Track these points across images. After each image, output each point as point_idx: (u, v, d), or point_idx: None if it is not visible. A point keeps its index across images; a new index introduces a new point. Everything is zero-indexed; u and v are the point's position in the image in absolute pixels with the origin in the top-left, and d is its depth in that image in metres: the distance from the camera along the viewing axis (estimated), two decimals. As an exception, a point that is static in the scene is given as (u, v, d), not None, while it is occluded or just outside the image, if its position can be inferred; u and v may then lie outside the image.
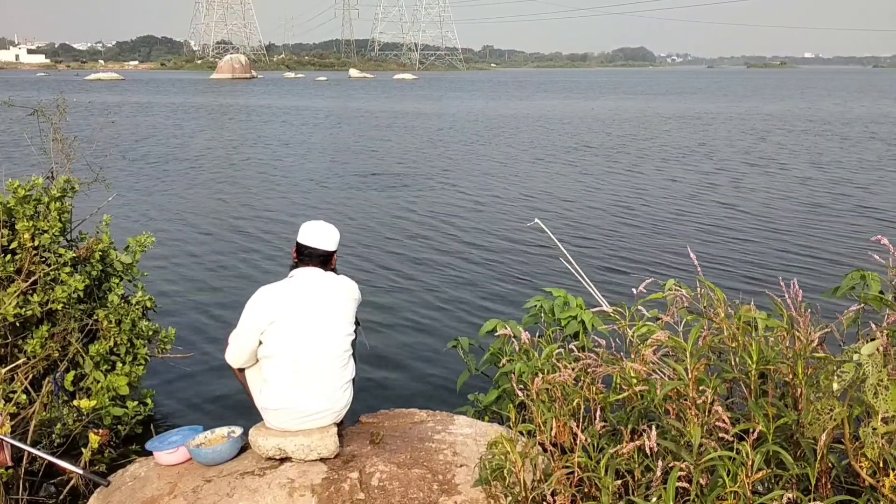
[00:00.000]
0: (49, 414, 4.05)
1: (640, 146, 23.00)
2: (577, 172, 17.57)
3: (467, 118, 35.75)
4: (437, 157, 20.47)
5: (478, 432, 3.58)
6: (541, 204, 13.60)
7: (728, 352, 2.91)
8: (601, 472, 2.53)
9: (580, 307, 4.14)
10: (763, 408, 2.52)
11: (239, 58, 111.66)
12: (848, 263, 9.06)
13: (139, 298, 4.78)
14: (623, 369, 2.96)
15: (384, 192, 14.86)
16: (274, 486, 3.11)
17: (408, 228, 11.57)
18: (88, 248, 4.74)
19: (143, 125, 30.79)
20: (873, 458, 2.27)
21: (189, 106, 44.59)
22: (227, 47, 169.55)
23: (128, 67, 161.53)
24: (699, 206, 13.28)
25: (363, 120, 34.80)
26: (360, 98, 57.01)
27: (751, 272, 8.88)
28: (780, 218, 12.10)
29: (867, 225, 11.54)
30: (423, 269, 9.20)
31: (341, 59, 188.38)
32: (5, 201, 4.45)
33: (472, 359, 4.36)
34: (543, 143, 24.38)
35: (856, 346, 2.38)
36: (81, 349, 4.44)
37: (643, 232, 11.22)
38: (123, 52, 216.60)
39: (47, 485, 3.84)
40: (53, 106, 5.55)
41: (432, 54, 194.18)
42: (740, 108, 42.08)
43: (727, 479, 2.29)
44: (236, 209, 13.15)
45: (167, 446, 3.45)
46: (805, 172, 17.07)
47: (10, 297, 4.21)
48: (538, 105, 47.17)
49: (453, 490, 3.09)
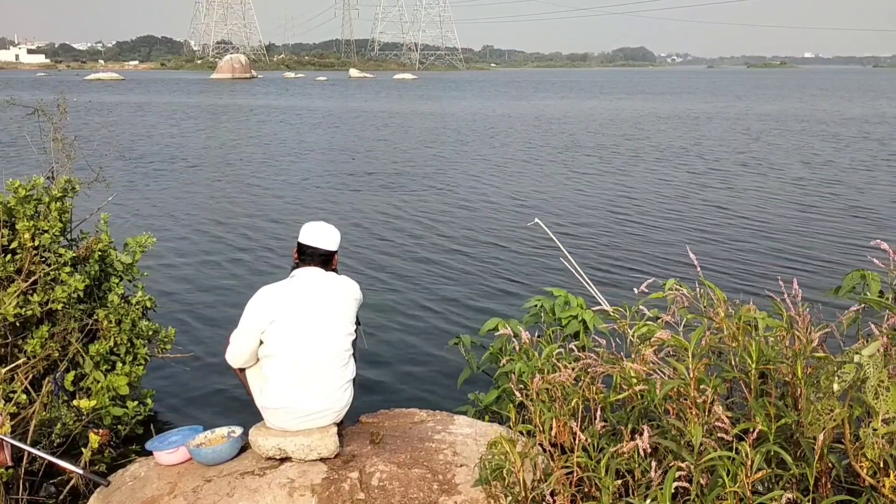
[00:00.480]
0: (49, 414, 4.04)
1: (635, 146, 23.01)
2: (576, 172, 17.57)
3: (465, 118, 35.77)
4: (433, 157, 20.48)
5: (478, 432, 3.58)
6: (539, 203, 13.60)
7: (728, 352, 2.91)
8: (601, 472, 2.53)
9: (581, 307, 4.14)
10: (763, 407, 2.52)
11: (239, 58, 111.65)
12: (846, 263, 9.07)
13: (139, 298, 4.78)
14: (623, 369, 2.96)
15: (382, 193, 14.86)
16: (274, 486, 3.11)
17: (406, 228, 11.57)
18: (88, 247, 4.74)
19: (142, 125, 30.79)
20: (874, 459, 2.27)
21: (188, 106, 44.59)
22: (227, 47, 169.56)
23: (128, 67, 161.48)
24: (696, 206, 13.28)
25: (362, 120, 34.81)
26: (360, 98, 57.00)
27: (750, 272, 8.89)
28: (778, 218, 12.11)
29: (865, 224, 11.57)
30: (423, 269, 9.21)
31: (341, 59, 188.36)
32: (6, 201, 4.46)
33: (474, 356, 4.36)
34: (540, 142, 24.39)
35: (856, 346, 2.38)
36: (81, 349, 4.44)
37: (642, 232, 11.23)
38: (123, 52, 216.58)
39: (47, 485, 3.84)
40: (54, 105, 5.55)
41: (432, 54, 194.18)
42: (737, 108, 42.11)
43: (727, 479, 2.29)
44: (235, 209, 13.16)
45: (167, 446, 3.45)
46: (800, 173, 17.08)
47: (10, 296, 4.21)
48: (535, 105, 47.18)
49: (453, 490, 3.09)
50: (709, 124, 31.29)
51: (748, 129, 28.53)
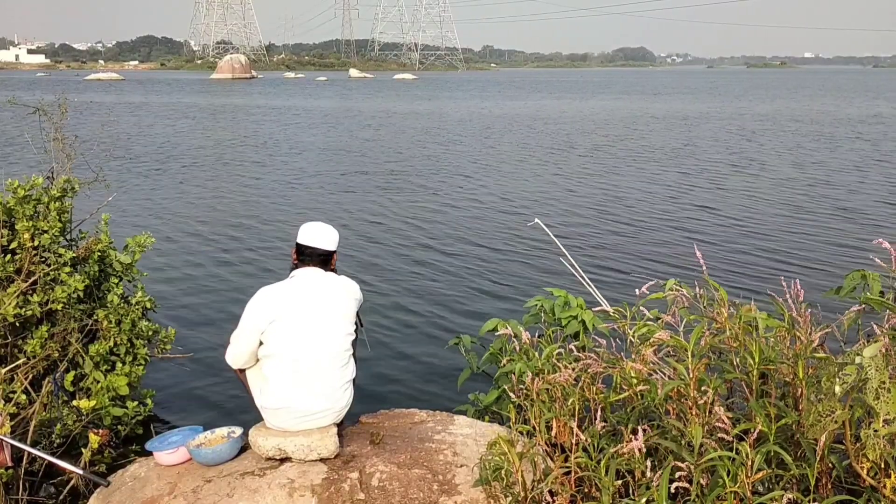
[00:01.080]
0: (49, 414, 4.04)
1: (633, 145, 23.03)
2: (574, 173, 17.57)
3: (462, 118, 35.77)
4: (428, 158, 20.46)
5: (478, 432, 3.58)
6: (538, 203, 13.60)
7: (729, 352, 2.90)
8: (601, 472, 2.52)
9: (581, 307, 4.14)
10: (764, 408, 2.52)
11: (239, 58, 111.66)
12: (843, 265, 9.08)
13: (139, 298, 4.78)
14: (623, 369, 2.96)
15: (379, 193, 14.86)
16: (274, 487, 3.10)
17: (404, 229, 11.57)
18: (87, 247, 4.73)
19: (141, 125, 30.79)
20: (875, 460, 2.27)
21: (188, 106, 44.58)
22: (227, 47, 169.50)
23: (128, 67, 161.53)
24: (690, 206, 13.28)
25: (359, 120, 34.80)
26: (358, 98, 57.00)
27: (748, 271, 8.89)
28: (774, 218, 12.12)
29: (859, 224, 11.57)
30: (422, 270, 9.20)
31: (341, 59, 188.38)
32: (5, 201, 4.45)
33: (474, 356, 4.36)
34: (538, 142, 24.39)
35: (857, 348, 2.37)
36: (81, 349, 4.44)
37: (642, 231, 11.23)
38: (123, 52, 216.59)
39: (47, 485, 3.84)
40: (54, 105, 5.55)
41: (432, 54, 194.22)
42: (734, 108, 42.09)
43: (727, 479, 2.28)
44: (234, 209, 13.16)
45: (167, 446, 3.45)
46: (793, 174, 17.07)
47: (10, 297, 4.21)
48: (533, 105, 47.19)
49: (453, 490, 3.09)
50: (705, 125, 31.30)
51: (743, 129, 28.55)
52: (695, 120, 33.98)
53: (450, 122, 33.73)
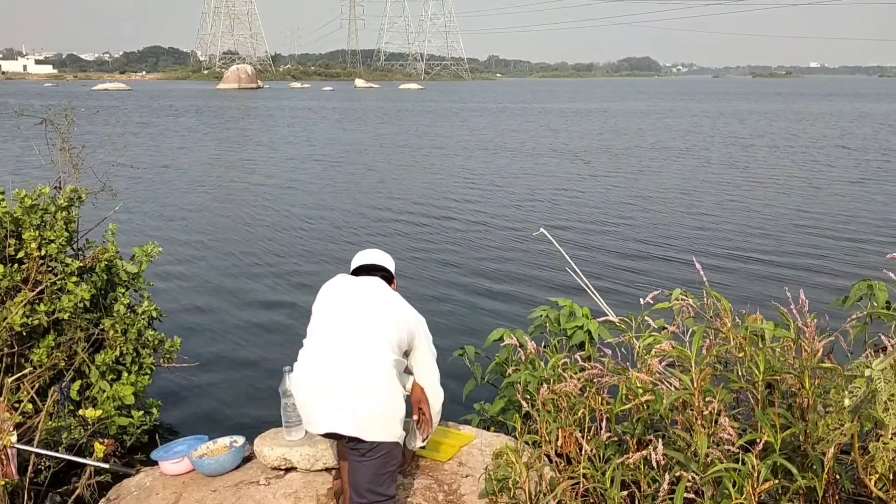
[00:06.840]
0: (55, 423, 4.05)
1: (636, 154, 22.99)
2: (578, 181, 17.57)
3: (469, 128, 35.80)
4: (434, 168, 20.50)
5: (483, 442, 3.57)
6: (543, 213, 13.60)
7: (734, 362, 2.89)
8: (607, 482, 2.51)
9: (586, 317, 4.12)
10: (770, 418, 2.51)
11: (245, 68, 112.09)
12: (848, 273, 9.05)
13: (145, 308, 4.79)
14: (629, 379, 2.95)
15: (383, 201, 14.88)
16: (279, 496, 3.10)
17: (408, 240, 11.58)
18: (94, 257, 4.75)
19: (147, 135, 30.92)
20: (883, 472, 2.25)
21: (195, 114, 44.75)
22: (233, 57, 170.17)
23: (135, 78, 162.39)
24: (696, 215, 13.27)
25: (367, 128, 34.87)
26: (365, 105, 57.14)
27: (759, 281, 8.86)
28: (784, 228, 12.09)
29: (877, 234, 11.53)
30: (426, 280, 9.21)
31: (347, 69, 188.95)
32: (12, 211, 4.47)
33: (479, 368, 4.35)
34: (541, 150, 24.39)
35: (865, 359, 2.36)
36: (87, 359, 4.45)
37: (647, 242, 11.21)
38: (130, 63, 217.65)
39: (52, 494, 3.84)
40: (62, 115, 5.57)
41: (438, 64, 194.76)
42: (741, 112, 42.00)
43: (733, 490, 2.27)
44: (239, 219, 13.19)
45: (172, 456, 3.45)
46: (799, 182, 17.07)
47: (16, 306, 4.22)
48: (536, 110, 47.22)
49: (459, 500, 3.08)
50: (708, 132, 31.28)
51: (745, 139, 28.52)
52: (700, 126, 33.95)
53: (459, 131, 33.76)
